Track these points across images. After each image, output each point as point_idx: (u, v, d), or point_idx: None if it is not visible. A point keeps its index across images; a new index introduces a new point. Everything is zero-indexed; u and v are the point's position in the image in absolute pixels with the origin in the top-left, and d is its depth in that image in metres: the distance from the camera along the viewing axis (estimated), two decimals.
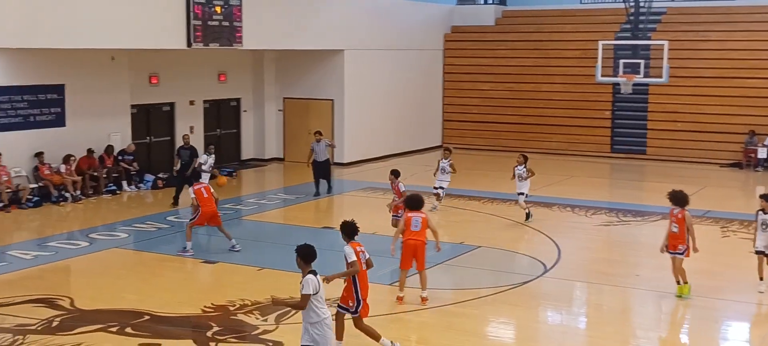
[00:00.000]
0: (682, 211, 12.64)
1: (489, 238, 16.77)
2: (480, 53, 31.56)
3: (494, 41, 31.79)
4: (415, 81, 30.26)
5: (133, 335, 11.11)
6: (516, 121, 30.58)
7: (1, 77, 19.90)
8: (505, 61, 31.08)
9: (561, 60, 30.28)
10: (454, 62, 31.93)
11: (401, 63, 29.36)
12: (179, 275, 14.56)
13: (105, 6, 18.84)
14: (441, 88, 31.95)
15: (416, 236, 12.37)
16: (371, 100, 27.97)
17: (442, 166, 19.41)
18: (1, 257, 15.31)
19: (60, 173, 20.70)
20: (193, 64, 24.70)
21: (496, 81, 31.02)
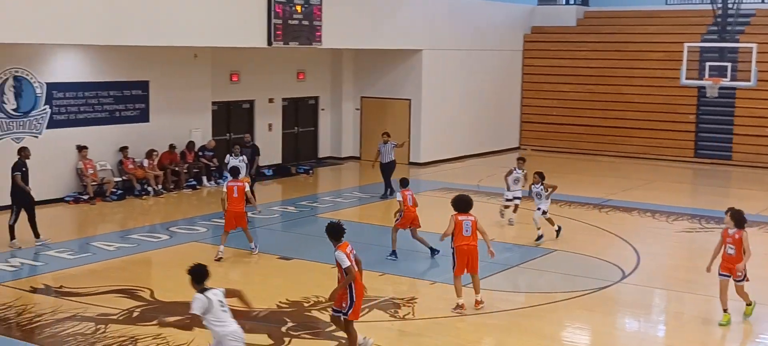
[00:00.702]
0: (740, 231, 11.73)
1: (565, 241, 16.56)
2: (560, 54, 31.16)
3: (575, 42, 31.34)
4: (493, 82, 30.06)
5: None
6: (596, 124, 30.10)
7: (88, 73, 20.49)
8: (586, 63, 30.61)
9: (644, 62, 29.65)
10: (533, 63, 31.61)
11: (480, 63, 29.19)
12: (255, 270, 14.77)
13: (189, 5, 19.21)
14: (519, 90, 31.67)
15: (468, 241, 11.89)
16: (449, 101, 27.90)
17: (515, 176, 18.19)
18: (85, 248, 15.80)
19: (143, 168, 21.19)
20: (272, 62, 25.01)
21: (576, 83, 30.59)
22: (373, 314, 12.07)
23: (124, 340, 10.83)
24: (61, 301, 12.39)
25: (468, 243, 11.86)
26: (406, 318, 11.93)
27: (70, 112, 20.16)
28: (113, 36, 18.13)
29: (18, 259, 14.73)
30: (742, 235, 11.68)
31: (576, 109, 30.48)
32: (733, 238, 11.71)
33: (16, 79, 19.03)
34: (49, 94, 19.66)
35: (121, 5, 17.82)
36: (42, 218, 18.21)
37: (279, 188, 23.31)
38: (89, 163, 20.20)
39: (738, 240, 11.66)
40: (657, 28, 30.55)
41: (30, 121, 19.35)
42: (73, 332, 11.10)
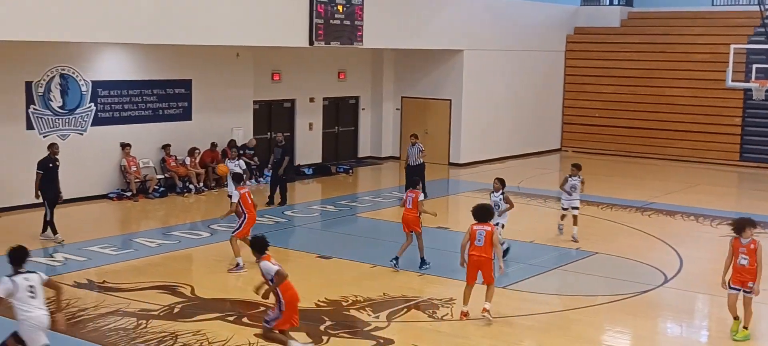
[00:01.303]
0: (754, 241, 11.02)
1: (606, 244, 16.42)
2: (604, 55, 30.88)
3: (619, 43, 31.03)
4: (534, 83, 29.90)
5: (249, 325, 11.38)
6: (639, 126, 29.78)
7: (133, 72, 20.74)
8: (629, 64, 30.28)
9: (689, 63, 29.26)
10: (576, 64, 31.36)
11: (521, 64, 29.05)
12: (294, 268, 14.74)
13: (232, 4, 19.33)
14: (561, 91, 31.45)
15: (480, 252, 11.40)
16: (489, 101, 27.80)
17: (571, 184, 16.84)
18: (128, 244, 15.99)
19: (185, 165, 21.40)
20: (314, 61, 25.12)
21: (619, 84, 30.30)
22: (411, 314, 12.08)
23: (164, 336, 10.94)
24: (104, 296, 12.55)
25: (479, 254, 11.42)
26: (444, 319, 11.91)
27: (114, 109, 20.42)
28: (157, 35, 18.31)
29: (62, 254, 14.94)
30: (757, 244, 11.02)
31: (619, 110, 30.18)
32: (747, 248, 11.02)
33: (62, 77, 19.32)
34: (94, 91, 19.93)
35: (165, 4, 18.00)
36: (86, 214, 18.52)
37: (319, 187, 23.40)
38: (132, 161, 20.45)
39: (753, 251, 10.99)
40: (702, 29, 30.13)
41: (75, 118, 19.63)
42: (115, 327, 11.25)
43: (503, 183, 15.25)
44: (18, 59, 18.17)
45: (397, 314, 11.96)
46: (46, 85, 19.04)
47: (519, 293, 13.11)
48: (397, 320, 11.77)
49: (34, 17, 15.91)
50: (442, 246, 15.44)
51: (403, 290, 13.05)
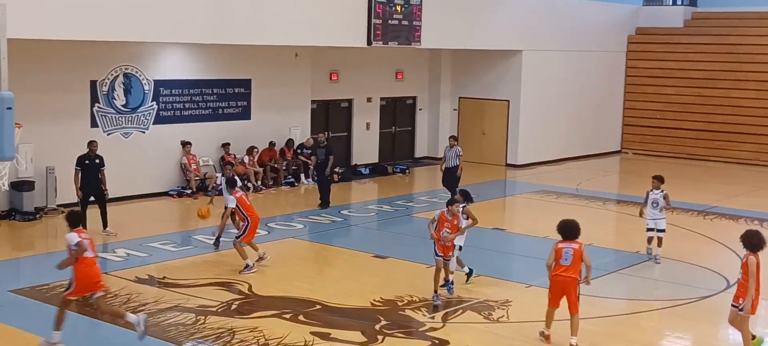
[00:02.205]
0: (748, 255, 10.26)
1: (668, 248, 16.16)
2: (666, 56, 30.40)
3: (682, 44, 30.53)
4: (594, 83, 29.57)
5: (305, 323, 11.45)
6: (702, 128, 29.28)
7: (194, 71, 21.03)
8: (692, 65, 29.79)
9: (755, 65, 28.70)
10: (637, 65, 30.94)
11: (581, 65, 28.76)
12: (350, 267, 14.89)
13: (291, 4, 19.48)
14: (622, 92, 31.05)
15: (565, 272, 10.45)
16: (548, 102, 27.58)
17: (653, 199, 15.12)
18: (187, 241, 16.22)
19: (244, 164, 21.62)
20: (371, 61, 25.20)
21: (682, 86, 29.81)
22: (467, 315, 12.04)
23: (222, 332, 11.07)
24: (164, 291, 12.74)
25: (564, 274, 10.46)
26: (500, 321, 11.86)
27: (175, 108, 20.73)
28: (218, 35, 18.53)
29: (124, 249, 15.17)
30: (749, 259, 10.21)
31: (681, 112, 29.70)
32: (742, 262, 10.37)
33: (125, 76, 19.67)
34: (156, 90, 20.25)
35: (225, 5, 18.20)
36: (147, 210, 18.83)
37: (375, 187, 23.47)
38: (192, 159, 20.73)
39: (744, 265, 10.26)
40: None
41: (138, 116, 19.98)
42: (174, 322, 11.42)
43: (468, 197, 13.90)
44: (83, 58, 18.54)
45: (452, 315, 11.93)
46: (111, 84, 19.40)
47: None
48: (453, 321, 11.75)
49: (99, 17, 16.22)
50: (499, 248, 15.40)
51: (459, 291, 13.02)
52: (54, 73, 18.09)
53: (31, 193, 17.67)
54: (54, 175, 18.08)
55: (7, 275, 13.97)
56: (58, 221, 17.35)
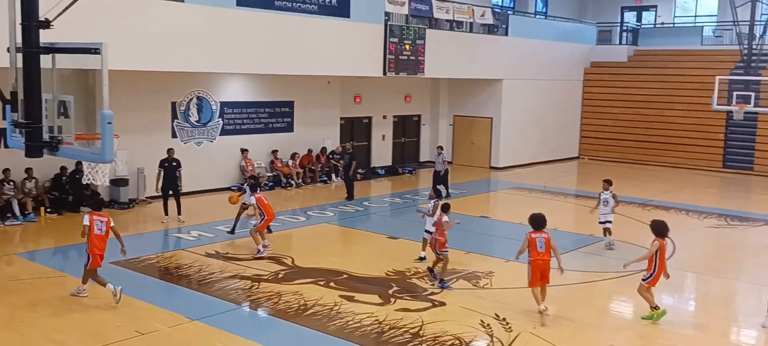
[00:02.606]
0: (655, 239, 10.21)
1: (616, 232, 16.04)
2: (614, 84, 30.24)
3: (626, 75, 30.34)
4: (558, 104, 29.42)
5: (335, 288, 11.46)
6: (642, 139, 29.08)
7: (250, 94, 21.06)
8: (635, 91, 29.61)
9: (683, 91, 28.50)
10: (592, 90, 30.76)
11: (548, 90, 28.62)
12: (370, 245, 14.89)
13: (325, 43, 19.48)
14: (579, 110, 30.87)
15: (543, 256, 10.19)
16: (522, 119, 27.46)
17: (603, 199, 14.73)
18: (245, 225, 16.20)
19: (288, 166, 21.65)
20: (386, 87, 25.16)
21: (626, 106, 29.63)
22: (459, 283, 12.00)
23: (272, 295, 11.08)
24: (227, 263, 12.77)
25: (542, 258, 10.20)
26: (485, 288, 11.82)
27: (236, 123, 20.77)
28: (269, 67, 18.57)
29: (196, 231, 15.20)
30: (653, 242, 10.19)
31: (626, 127, 29.52)
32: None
33: (198, 98, 19.72)
34: (221, 109, 20.30)
35: (275, 44, 18.24)
36: (214, 201, 18.87)
37: (389, 184, 23.44)
38: (249, 162, 20.77)
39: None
40: (693, 63, 29.27)
41: (207, 130, 20.02)
42: (235, 287, 11.44)
43: (439, 194, 13.64)
44: (166, 85, 18.61)
45: (450, 282, 11.88)
46: (187, 104, 19.45)
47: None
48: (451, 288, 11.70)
49: (179, 53, 16.28)
50: (484, 231, 15.33)
51: (453, 264, 12.96)
52: (143, 96, 18.17)
53: (126, 187, 17.74)
54: (143, 174, 18.15)
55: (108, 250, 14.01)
56: (146, 209, 17.42)
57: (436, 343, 9.29)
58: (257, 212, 13.60)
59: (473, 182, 23.33)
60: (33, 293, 10.57)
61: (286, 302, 10.73)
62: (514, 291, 11.09)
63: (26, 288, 10.67)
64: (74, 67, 7.83)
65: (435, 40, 22.75)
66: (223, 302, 10.66)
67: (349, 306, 10.57)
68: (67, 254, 13.46)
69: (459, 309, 10.61)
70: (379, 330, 9.68)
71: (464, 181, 23.41)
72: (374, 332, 9.63)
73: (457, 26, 24.51)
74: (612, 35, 32.62)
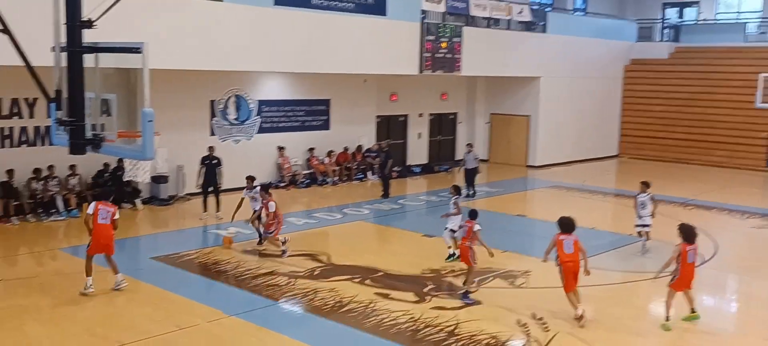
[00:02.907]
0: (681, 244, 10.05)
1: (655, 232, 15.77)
2: (655, 81, 29.68)
3: (668, 72, 29.76)
4: (597, 102, 29.01)
5: (370, 286, 11.48)
6: (683, 138, 28.51)
7: (287, 93, 21.20)
8: (676, 89, 29.03)
9: (725, 89, 27.84)
10: (632, 88, 30.26)
11: (587, 88, 28.24)
12: (405, 243, 14.88)
13: (361, 42, 19.51)
14: (619, 109, 30.39)
15: (572, 258, 9.96)
16: (560, 117, 27.15)
17: (641, 202, 14.08)
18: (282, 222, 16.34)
19: (324, 164, 21.75)
20: (422, 86, 25.10)
21: (667, 104, 29.08)
22: (495, 282, 11.93)
23: (308, 291, 11.15)
24: (264, 260, 12.89)
25: (572, 259, 9.96)
26: (521, 286, 11.73)
27: (273, 121, 20.93)
28: (306, 65, 18.65)
29: (234, 228, 15.26)
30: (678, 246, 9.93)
31: (667, 125, 28.97)
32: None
33: (236, 97, 19.93)
34: (259, 108, 20.48)
35: (311, 43, 18.32)
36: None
37: (425, 182, 23.39)
38: (286, 160, 20.92)
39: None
40: (736, 61, 28.56)
41: (245, 127, 20.23)
42: (271, 283, 11.54)
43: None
44: (205, 84, 18.85)
45: (484, 282, 11.84)
46: (225, 102, 19.67)
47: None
48: (485, 286, 11.66)
49: (217, 52, 16.48)
50: (521, 230, 15.21)
51: (490, 262, 12.89)
52: (183, 95, 18.42)
53: (166, 184, 18.03)
54: (183, 171, 18.42)
55: (149, 246, 14.29)
56: (185, 206, 17.68)
57: (471, 342, 9.25)
58: (272, 217, 13.04)
59: (510, 181, 23.15)
60: (76, 288, 10.82)
61: (321, 298, 10.79)
62: (552, 290, 10.97)
63: (69, 283, 10.92)
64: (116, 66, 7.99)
65: (472, 38, 22.61)
66: (259, 298, 10.77)
67: (384, 304, 10.59)
68: None
69: (495, 308, 10.54)
70: (414, 328, 9.67)
71: (501, 179, 23.26)
72: (409, 329, 9.63)
73: (495, 24, 24.33)
74: (652, 32, 32.05)
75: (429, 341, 9.25)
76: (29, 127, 16.14)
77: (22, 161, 15.87)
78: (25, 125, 16.08)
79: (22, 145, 16.08)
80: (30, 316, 9.84)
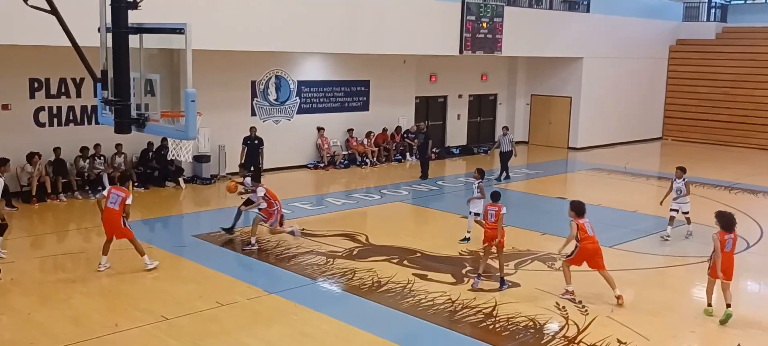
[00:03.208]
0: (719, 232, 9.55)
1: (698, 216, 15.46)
2: (700, 62, 28.95)
3: (714, 53, 28.99)
4: (641, 83, 28.45)
5: (408, 266, 11.52)
6: (729, 120, 27.81)
7: (327, 73, 21.28)
8: (723, 70, 28.27)
9: None
10: (677, 69, 29.57)
11: (630, 69, 27.70)
12: (443, 225, 14.87)
13: (401, 22, 19.42)
14: (664, 90, 29.75)
15: (594, 241, 9.99)
16: (603, 98, 26.72)
17: (676, 187, 13.65)
18: (320, 202, 16.51)
19: (363, 145, 21.81)
20: (462, 66, 24.93)
21: (714, 86, 28.35)
22: (534, 264, 11.86)
23: (346, 271, 11.23)
24: (303, 239, 13.01)
25: (594, 243, 9.98)
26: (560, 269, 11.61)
27: (312, 102, 21.04)
28: (346, 46, 18.67)
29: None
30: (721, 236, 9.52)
31: (712, 107, 28.28)
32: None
33: (277, 78, 20.08)
34: (299, 88, 20.60)
35: (351, 23, 18.31)
36: (291, 178, 19.24)
37: (463, 163, 23.29)
38: (325, 140, 21.03)
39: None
40: None
41: (285, 108, 20.38)
42: (310, 262, 11.66)
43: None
44: (246, 64, 19.02)
45: (523, 264, 11.79)
46: (266, 83, 19.84)
47: (623, 251, 12.62)
48: (523, 269, 11.61)
49: (259, 33, 16.59)
50: (561, 212, 15.03)
51: (529, 245, 12.84)
52: (225, 75, 18.62)
53: (208, 163, 18.29)
54: (224, 151, 18.66)
55: (191, 223, 14.56)
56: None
57: (509, 324, 9.24)
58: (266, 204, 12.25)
59: (550, 163, 22.90)
60: (121, 264, 11.09)
61: (359, 278, 10.86)
62: (591, 274, 10.86)
63: (115, 259, 11.20)
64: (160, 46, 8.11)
65: (513, 18, 22.33)
66: (299, 277, 10.90)
67: (422, 284, 10.62)
68: (153, 226, 14.04)
69: (533, 291, 10.49)
70: (451, 309, 9.69)
71: (541, 161, 23.02)
72: (447, 310, 9.65)
73: (537, 3, 23.99)
74: (699, 12, 31.21)
75: (466, 323, 9.26)
76: (76, 107, 16.52)
77: (70, 140, 16.27)
78: (72, 105, 16.46)
79: (70, 124, 16.47)
80: (77, 290, 10.13)
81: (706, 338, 9.06)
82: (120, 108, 7.55)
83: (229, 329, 8.84)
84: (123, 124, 7.60)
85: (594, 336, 8.74)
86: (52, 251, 12.06)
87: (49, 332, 8.58)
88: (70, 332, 8.60)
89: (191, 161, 17.73)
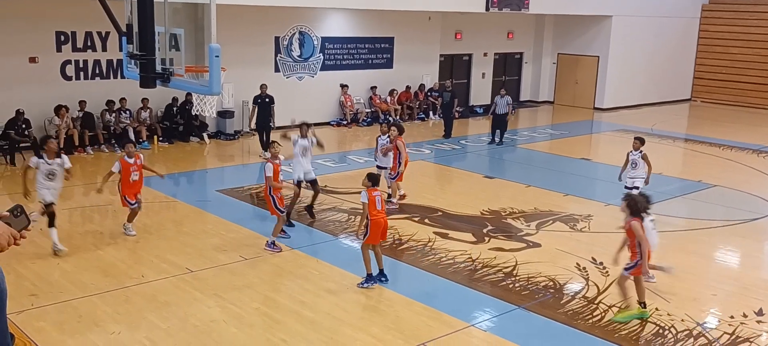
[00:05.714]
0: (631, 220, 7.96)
1: (725, 179, 15.35)
2: (733, 22, 28.29)
3: (748, 12, 28.27)
4: (670, 43, 27.94)
5: (429, 225, 11.60)
6: (761, 82, 27.29)
7: (351, 30, 21.19)
8: (756, 30, 27.62)
9: None
10: (708, 29, 28.95)
11: (661, 28, 27.19)
12: (465, 184, 14.91)
13: None
14: (694, 50, 29.21)
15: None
16: (631, 58, 26.33)
17: (632, 159, 11.94)
18: (343, 159, 16.60)
19: (386, 102, 21.80)
20: (488, 24, 24.68)
21: (746, 47, 27.76)
22: (556, 225, 11.88)
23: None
24: (325, 196, 13.09)
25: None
26: (582, 231, 11.65)
27: (336, 59, 21.02)
28: (370, 2, 18.56)
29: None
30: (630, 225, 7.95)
31: (744, 68, 27.75)
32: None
33: (300, 34, 20.06)
34: (322, 45, 20.57)
35: None
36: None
37: (487, 123, 23.13)
38: (348, 98, 21.06)
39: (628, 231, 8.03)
40: None
41: (309, 65, 20.39)
42: (332, 219, 11.79)
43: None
44: (270, 19, 19.00)
45: (544, 225, 11.81)
46: (289, 39, 19.83)
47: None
48: (545, 229, 11.63)
49: None
50: (584, 173, 14.99)
51: (551, 206, 12.84)
52: (248, 30, 18.64)
53: (232, 119, 18.44)
54: (248, 106, 18.76)
55: (215, 178, 14.76)
56: (250, 140, 18.07)
57: (529, 283, 9.30)
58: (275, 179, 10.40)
59: (576, 123, 22.71)
60: (147, 217, 11.31)
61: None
62: (614, 235, 10.86)
63: (141, 212, 11.41)
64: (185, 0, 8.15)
65: None
66: (320, 233, 11.04)
67: (442, 243, 10.70)
68: (178, 180, 14.25)
69: (554, 251, 10.53)
70: (472, 268, 9.77)
71: (566, 121, 22.83)
72: (467, 269, 9.73)
73: None
74: None
75: (486, 281, 9.34)
76: (102, 61, 16.68)
77: (96, 93, 16.47)
78: (98, 58, 16.62)
79: (96, 78, 16.66)
80: (105, 241, 10.38)
81: (727, 300, 9.06)
82: (145, 62, 7.63)
83: (252, 283, 9.01)
84: (148, 78, 7.69)
85: (614, 297, 8.78)
86: (80, 203, 12.32)
87: (78, 282, 8.83)
88: (98, 282, 8.84)
89: (215, 117, 17.87)
